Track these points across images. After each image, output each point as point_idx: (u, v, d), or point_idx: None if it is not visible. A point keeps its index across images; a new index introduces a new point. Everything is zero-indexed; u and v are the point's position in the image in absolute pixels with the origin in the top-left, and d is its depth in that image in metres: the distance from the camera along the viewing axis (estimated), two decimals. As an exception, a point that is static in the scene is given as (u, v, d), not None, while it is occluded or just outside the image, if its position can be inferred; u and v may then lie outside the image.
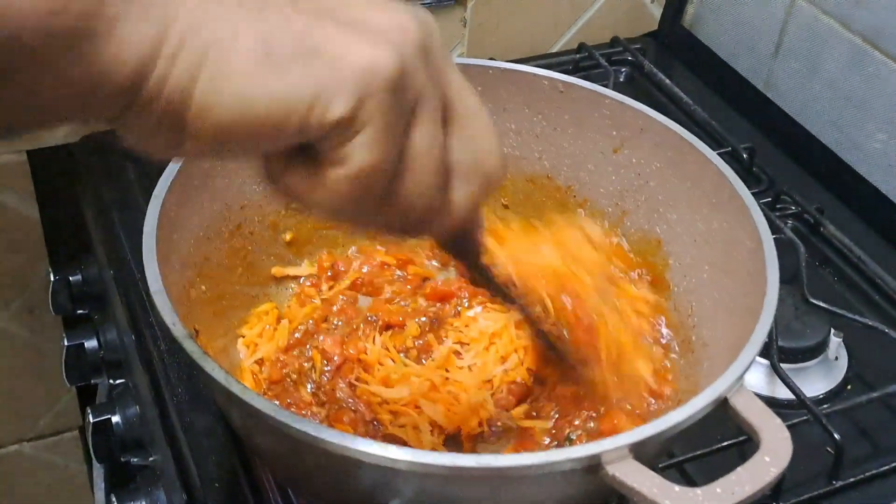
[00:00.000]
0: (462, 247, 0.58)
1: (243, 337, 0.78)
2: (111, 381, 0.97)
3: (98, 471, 1.01)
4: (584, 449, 0.53)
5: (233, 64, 0.40)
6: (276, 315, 0.80)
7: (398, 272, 0.85)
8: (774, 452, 0.54)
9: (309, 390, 0.75)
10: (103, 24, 0.37)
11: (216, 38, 0.40)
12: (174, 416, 0.76)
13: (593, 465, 0.53)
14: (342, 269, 0.84)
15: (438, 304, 0.81)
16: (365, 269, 0.84)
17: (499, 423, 0.73)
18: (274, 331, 0.78)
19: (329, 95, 0.42)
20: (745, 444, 0.74)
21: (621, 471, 0.52)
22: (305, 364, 0.76)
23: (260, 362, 0.76)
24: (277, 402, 0.54)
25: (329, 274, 0.84)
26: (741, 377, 0.57)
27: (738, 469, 0.53)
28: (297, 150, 0.45)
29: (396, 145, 0.45)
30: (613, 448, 0.53)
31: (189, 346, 0.56)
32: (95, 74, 0.38)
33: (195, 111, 0.40)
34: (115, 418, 0.87)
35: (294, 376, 0.75)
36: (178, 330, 0.57)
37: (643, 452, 0.54)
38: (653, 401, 0.71)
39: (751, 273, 0.67)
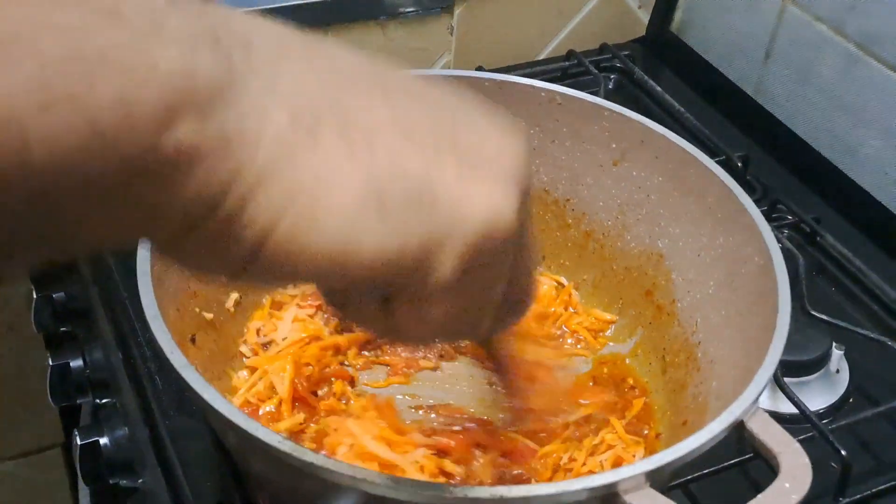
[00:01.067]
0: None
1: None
2: (97, 401, 0.94)
3: (84, 492, 0.99)
4: (600, 478, 0.51)
5: (332, 201, 0.36)
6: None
7: None
8: (794, 478, 0.52)
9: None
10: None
11: (316, 174, 0.36)
12: (165, 437, 0.74)
13: (609, 495, 0.51)
14: None
15: None
16: None
17: None
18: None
19: (441, 251, 0.38)
20: (748, 463, 0.73)
21: (639, 500, 0.51)
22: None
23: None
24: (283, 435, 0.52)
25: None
26: (756, 400, 0.56)
27: (759, 497, 0.51)
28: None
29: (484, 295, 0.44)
30: (630, 476, 0.51)
31: (189, 375, 0.54)
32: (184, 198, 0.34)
33: (276, 242, 0.36)
34: (103, 440, 0.85)
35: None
36: (176, 359, 0.55)
37: (658, 479, 0.53)
38: None
39: (759, 289, 0.65)
